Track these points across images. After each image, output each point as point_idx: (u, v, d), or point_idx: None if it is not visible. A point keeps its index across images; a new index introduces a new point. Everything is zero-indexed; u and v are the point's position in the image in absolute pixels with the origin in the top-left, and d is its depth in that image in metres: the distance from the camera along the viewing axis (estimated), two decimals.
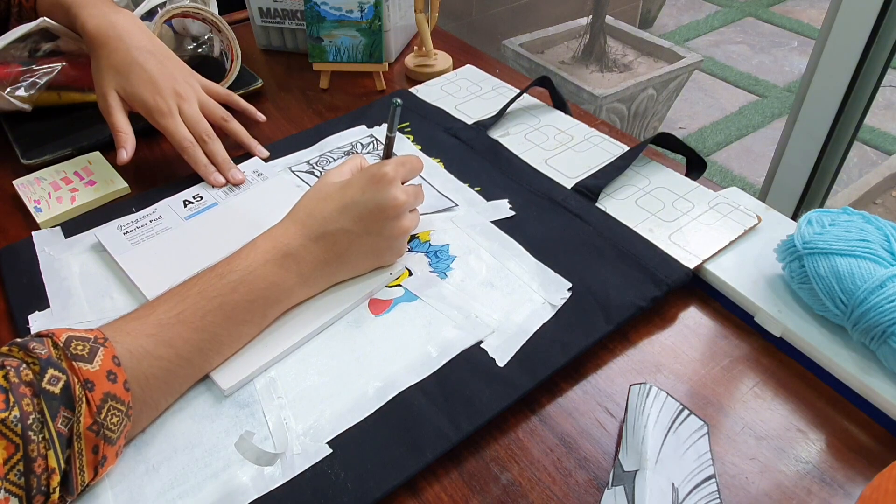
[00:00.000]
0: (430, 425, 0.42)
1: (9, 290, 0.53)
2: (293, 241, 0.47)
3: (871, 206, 1.86)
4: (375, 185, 0.48)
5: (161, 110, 0.62)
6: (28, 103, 0.71)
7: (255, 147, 0.68)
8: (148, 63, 0.63)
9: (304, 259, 0.47)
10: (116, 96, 0.63)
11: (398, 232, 0.50)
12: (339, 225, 0.48)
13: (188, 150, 0.63)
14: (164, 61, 0.64)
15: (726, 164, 2.11)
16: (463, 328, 0.48)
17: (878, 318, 0.42)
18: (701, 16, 3.03)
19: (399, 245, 0.52)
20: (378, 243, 0.50)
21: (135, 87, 0.62)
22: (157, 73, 0.63)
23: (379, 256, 0.51)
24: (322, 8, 0.79)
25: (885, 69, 1.09)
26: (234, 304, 0.44)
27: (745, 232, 0.54)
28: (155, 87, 0.63)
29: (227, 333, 0.44)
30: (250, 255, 0.46)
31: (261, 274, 0.45)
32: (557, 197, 0.59)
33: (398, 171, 0.50)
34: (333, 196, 0.49)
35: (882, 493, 0.33)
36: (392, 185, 0.48)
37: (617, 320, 0.48)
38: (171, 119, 0.63)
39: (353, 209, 0.48)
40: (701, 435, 0.41)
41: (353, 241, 0.48)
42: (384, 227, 0.49)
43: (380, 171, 0.49)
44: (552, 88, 0.73)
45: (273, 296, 0.46)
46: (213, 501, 0.38)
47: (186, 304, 0.43)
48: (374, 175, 0.49)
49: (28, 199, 0.62)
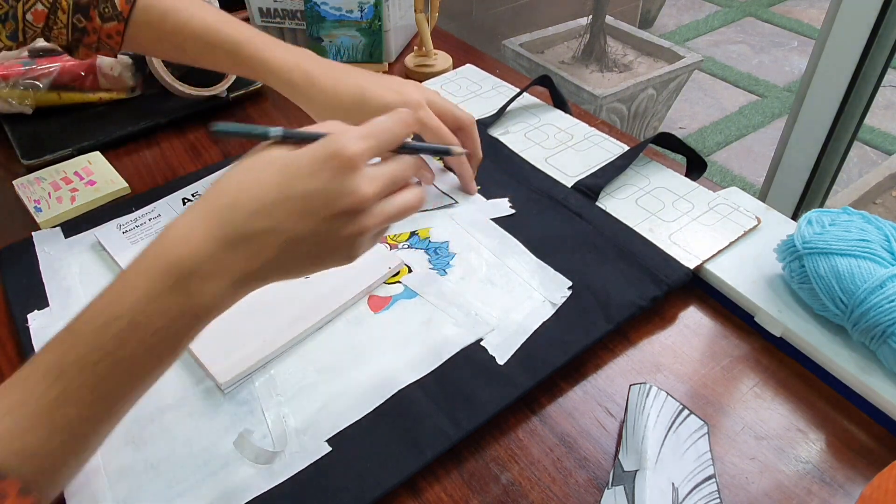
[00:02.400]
0: (429, 423, 0.42)
1: (9, 289, 0.53)
2: (197, 253, 0.33)
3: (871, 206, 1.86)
4: (331, 169, 0.35)
5: (419, 102, 0.56)
6: (28, 104, 0.71)
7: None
8: (369, 79, 0.56)
9: (214, 275, 0.34)
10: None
11: (355, 232, 0.36)
12: (271, 223, 0.34)
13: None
14: (371, 73, 0.58)
15: (726, 164, 2.11)
16: (463, 326, 0.48)
17: (878, 318, 0.42)
18: (701, 16, 3.03)
19: (355, 249, 0.38)
20: (323, 246, 0.37)
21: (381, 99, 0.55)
22: (384, 81, 0.57)
23: (323, 262, 0.38)
24: (322, 8, 0.79)
25: (885, 69, 1.09)
26: (129, 361, 0.33)
27: (744, 233, 0.54)
28: (394, 90, 0.56)
29: (132, 391, 0.34)
30: (138, 285, 0.33)
31: (155, 311, 0.33)
32: (558, 195, 0.59)
33: (368, 147, 0.36)
34: (269, 178, 0.35)
35: (882, 492, 0.33)
36: (354, 172, 0.35)
37: (617, 319, 0.48)
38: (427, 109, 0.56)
39: (295, 202, 0.34)
40: (701, 435, 0.41)
41: (289, 246, 0.35)
42: (335, 226, 0.36)
43: (339, 149, 0.35)
44: (552, 88, 0.73)
45: (181, 330, 0.34)
46: (212, 500, 0.38)
47: (66, 381, 0.32)
48: (330, 155, 0.35)
49: (28, 199, 0.62)
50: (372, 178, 0.36)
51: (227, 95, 0.76)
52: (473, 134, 0.59)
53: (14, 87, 0.71)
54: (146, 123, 0.72)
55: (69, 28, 0.55)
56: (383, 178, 0.37)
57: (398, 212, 0.39)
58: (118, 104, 0.75)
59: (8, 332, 0.51)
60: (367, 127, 0.37)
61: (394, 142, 0.39)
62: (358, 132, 0.36)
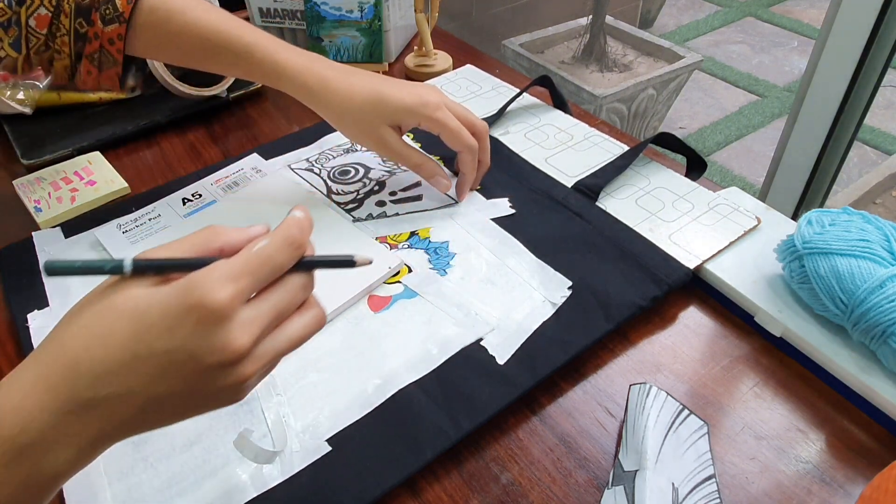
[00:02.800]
0: (429, 423, 0.42)
1: (9, 289, 0.53)
2: (32, 424, 0.28)
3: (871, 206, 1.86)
4: (192, 323, 0.29)
5: (438, 104, 0.56)
6: (28, 105, 0.71)
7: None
8: (385, 81, 0.56)
9: (58, 444, 0.29)
10: (392, 132, 0.56)
11: (234, 382, 0.31)
12: (122, 387, 0.29)
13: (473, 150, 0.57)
14: (388, 78, 0.58)
15: (726, 164, 2.11)
16: (463, 325, 0.48)
17: (878, 318, 0.42)
18: (701, 16, 3.03)
19: (239, 393, 0.32)
20: (197, 399, 0.31)
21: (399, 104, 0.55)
22: (402, 83, 0.56)
23: (202, 410, 0.32)
24: (322, 8, 0.79)
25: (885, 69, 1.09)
26: None
27: (744, 233, 0.54)
28: (412, 92, 0.55)
29: None
30: None
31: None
32: (558, 195, 0.59)
33: (239, 290, 0.29)
34: (117, 335, 0.29)
35: (882, 492, 0.33)
36: (221, 325, 0.29)
37: (617, 319, 0.48)
38: (446, 111, 0.56)
39: (149, 362, 0.29)
40: (701, 435, 0.41)
41: (151, 406, 0.30)
42: (206, 380, 0.30)
43: (199, 299, 0.28)
44: (552, 88, 0.73)
45: (31, 499, 0.29)
46: (212, 499, 0.38)
47: None
48: (189, 307, 0.28)
49: (28, 199, 0.62)
50: (248, 322, 0.30)
51: (227, 95, 0.76)
52: (485, 142, 0.59)
53: (14, 87, 0.71)
54: (146, 123, 0.72)
55: (72, 35, 0.54)
56: (262, 318, 0.31)
57: (289, 346, 0.33)
58: (118, 104, 0.75)
59: (8, 332, 0.51)
60: (241, 260, 0.30)
61: (275, 274, 0.32)
62: (228, 269, 0.29)
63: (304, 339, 0.34)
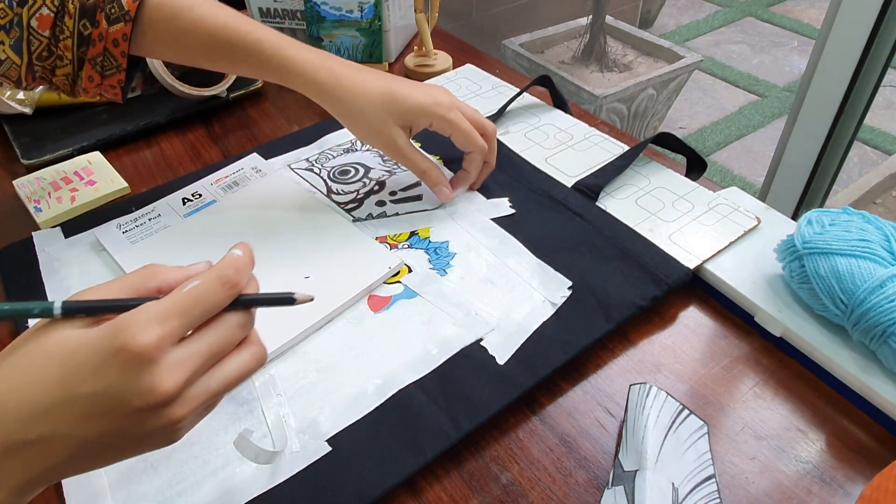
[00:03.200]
0: (429, 423, 0.42)
1: (9, 289, 0.53)
2: None
3: (871, 206, 1.86)
4: (118, 365, 0.28)
5: (451, 105, 0.56)
6: (28, 105, 0.71)
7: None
8: (398, 81, 0.55)
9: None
10: (402, 133, 0.56)
11: (165, 424, 0.30)
12: (50, 429, 0.28)
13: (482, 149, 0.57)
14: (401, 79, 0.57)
15: (726, 164, 2.11)
16: (463, 325, 0.48)
17: (878, 318, 0.42)
18: (701, 16, 3.03)
19: (173, 435, 0.31)
20: (130, 440, 0.30)
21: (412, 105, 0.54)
22: (415, 84, 0.56)
23: (137, 451, 0.32)
24: (322, 8, 0.79)
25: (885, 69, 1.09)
26: None
27: (744, 233, 0.54)
28: (425, 92, 0.55)
29: None
30: None
31: None
32: (558, 195, 0.59)
33: (169, 331, 0.29)
34: (46, 376, 0.29)
35: (882, 492, 0.33)
36: (148, 368, 0.28)
37: (617, 319, 0.48)
38: (457, 112, 0.56)
39: (77, 404, 0.28)
40: (701, 435, 0.41)
41: (81, 448, 0.29)
42: (136, 422, 0.29)
43: (125, 341, 0.28)
44: (552, 88, 0.73)
45: None
46: (212, 500, 0.38)
47: None
48: (116, 349, 0.28)
49: (28, 199, 0.62)
50: (178, 364, 0.29)
51: (227, 95, 0.76)
52: (493, 143, 0.59)
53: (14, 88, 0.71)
54: (146, 123, 0.72)
55: (75, 38, 0.53)
56: (194, 359, 0.30)
57: (224, 387, 0.32)
58: (118, 104, 0.75)
59: (8, 333, 0.51)
60: (171, 301, 0.30)
61: (208, 314, 0.31)
62: (156, 311, 0.29)
63: (240, 378, 0.32)
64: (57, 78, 0.55)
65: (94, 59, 0.54)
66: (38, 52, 0.53)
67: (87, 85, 0.56)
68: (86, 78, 0.55)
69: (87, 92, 0.56)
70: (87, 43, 0.53)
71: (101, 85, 0.56)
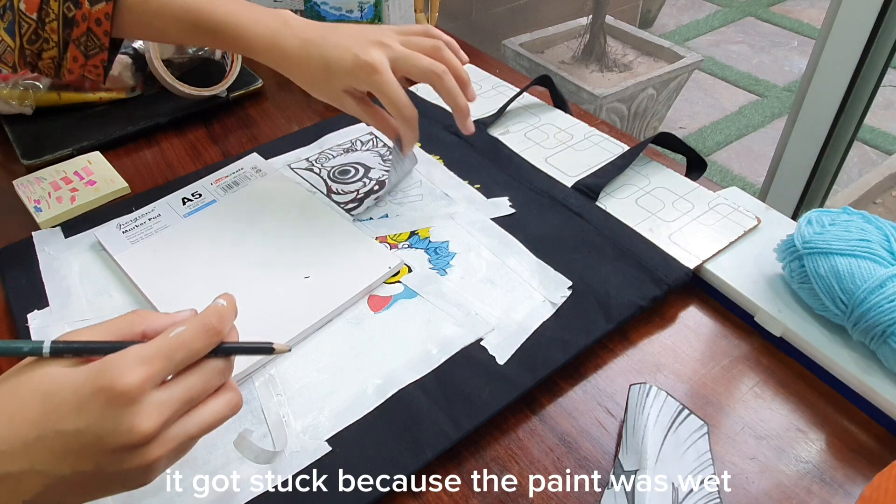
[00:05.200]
0: (429, 423, 0.42)
1: (9, 289, 0.53)
2: None
3: (871, 206, 1.86)
4: (100, 403, 0.29)
5: (375, 66, 0.53)
6: (28, 105, 0.71)
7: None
8: (333, 47, 0.53)
9: None
10: (349, 98, 0.55)
11: (141, 465, 0.31)
12: (28, 464, 0.29)
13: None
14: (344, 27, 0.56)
15: (726, 164, 2.11)
16: (463, 325, 0.48)
17: (878, 318, 0.42)
18: (701, 16, 3.03)
19: (147, 476, 0.32)
20: (104, 481, 0.31)
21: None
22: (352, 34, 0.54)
23: (110, 491, 0.32)
24: (322, 8, 0.79)
25: (885, 69, 1.09)
26: None
27: (744, 233, 0.54)
28: (353, 53, 0.52)
29: None
30: None
31: None
32: (558, 195, 0.59)
33: (151, 374, 0.30)
34: (27, 412, 0.29)
35: (882, 492, 0.33)
36: (129, 408, 0.29)
37: (617, 319, 0.48)
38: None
39: (56, 440, 0.29)
40: (701, 435, 0.41)
41: (56, 485, 0.30)
42: (112, 462, 0.30)
43: (109, 381, 0.29)
44: (552, 87, 0.73)
45: None
46: (212, 500, 0.38)
47: None
48: (99, 388, 0.29)
49: (28, 199, 0.62)
50: (157, 405, 0.30)
51: (228, 95, 0.76)
52: (447, 84, 0.53)
53: (14, 87, 0.71)
54: (146, 123, 0.72)
55: (60, 20, 0.54)
56: (174, 402, 0.31)
57: (200, 430, 0.33)
58: (118, 104, 0.75)
59: (8, 332, 0.51)
60: (156, 344, 0.31)
61: (190, 359, 0.32)
62: (141, 353, 0.30)
63: (215, 423, 0.33)
64: (43, 62, 0.56)
65: (78, 40, 0.55)
66: (27, 36, 0.54)
67: (72, 66, 0.57)
68: (70, 59, 0.56)
69: (72, 73, 0.57)
70: (72, 24, 0.54)
71: (86, 66, 0.57)
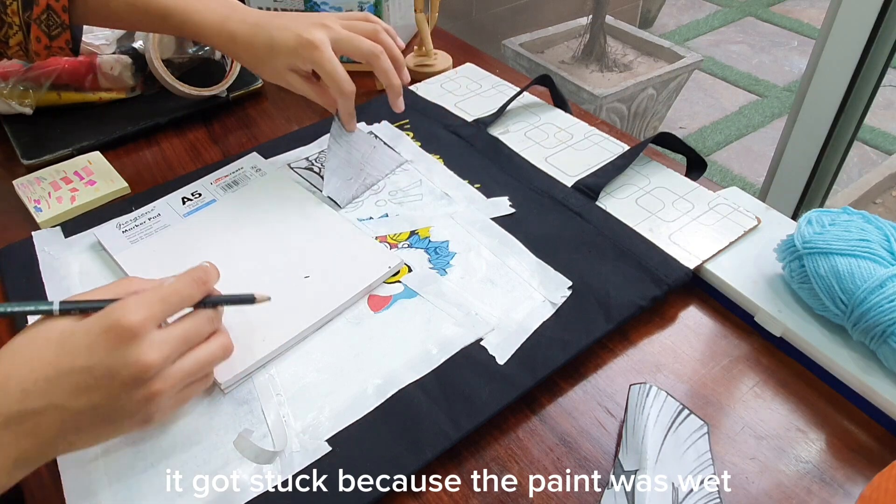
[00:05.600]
0: (429, 423, 0.42)
1: (9, 289, 0.53)
2: None
3: (871, 206, 1.86)
4: (109, 340, 0.34)
5: (315, 44, 0.56)
6: (29, 106, 0.71)
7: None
8: (278, 28, 0.56)
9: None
10: (295, 76, 0.58)
11: (147, 396, 0.35)
12: (47, 401, 0.33)
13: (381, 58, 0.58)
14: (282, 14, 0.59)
15: (726, 163, 2.11)
16: (463, 325, 0.48)
17: (878, 318, 0.42)
18: (701, 16, 3.03)
19: (151, 412, 0.36)
20: (113, 415, 0.35)
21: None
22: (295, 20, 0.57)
23: (117, 429, 0.36)
24: (322, 8, 0.79)
25: (885, 69, 1.09)
26: None
27: (744, 233, 0.54)
28: (296, 33, 0.56)
29: None
30: None
31: None
32: (557, 195, 0.59)
33: (152, 314, 0.35)
34: (44, 355, 0.34)
35: (882, 492, 0.33)
36: (135, 343, 0.34)
37: (617, 319, 0.48)
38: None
39: (71, 377, 0.33)
40: (701, 435, 0.41)
41: (71, 421, 0.34)
42: (121, 395, 0.34)
43: (116, 319, 0.34)
44: (552, 87, 0.73)
45: None
46: (212, 500, 0.38)
47: None
48: (108, 327, 0.34)
49: (28, 199, 0.62)
50: (158, 342, 0.35)
51: (227, 95, 0.76)
52: (383, 64, 0.59)
53: (14, 87, 0.71)
54: (146, 123, 0.72)
55: (19, 2, 0.55)
56: (172, 340, 0.36)
57: (196, 367, 0.38)
58: (118, 104, 0.75)
59: (8, 332, 0.51)
60: (153, 291, 0.36)
61: (183, 303, 0.38)
62: (142, 299, 0.35)
63: (209, 361, 0.39)
64: (11, 49, 0.57)
65: (38, 19, 0.56)
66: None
67: (37, 47, 0.58)
68: (34, 39, 0.57)
69: (39, 55, 0.59)
70: (31, 5, 0.56)
71: (51, 47, 0.59)
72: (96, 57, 0.73)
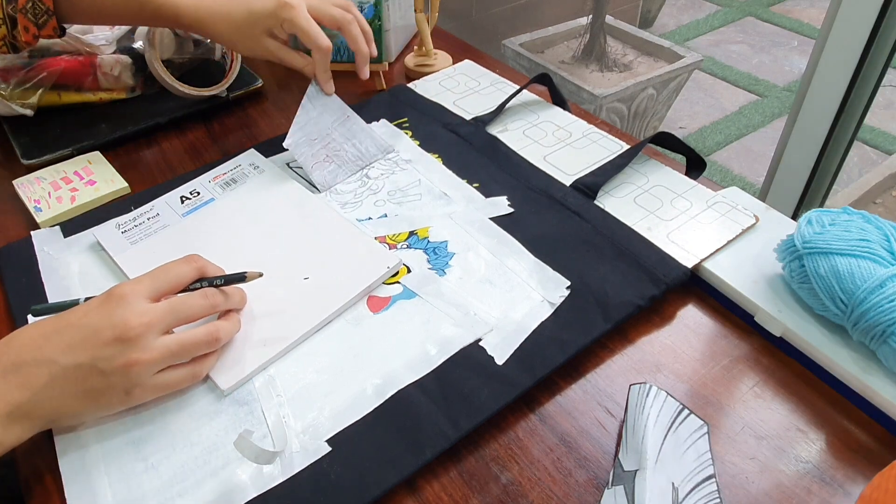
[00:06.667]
0: (428, 423, 0.42)
1: (8, 289, 0.53)
2: None
3: (871, 206, 1.86)
4: (103, 304, 0.39)
5: (292, 4, 0.60)
6: (29, 107, 0.71)
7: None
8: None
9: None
10: (272, 41, 0.61)
11: (127, 363, 0.37)
12: (40, 354, 0.37)
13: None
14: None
15: (726, 163, 2.10)
16: (461, 326, 0.48)
17: (877, 318, 0.42)
18: (701, 15, 3.03)
19: (131, 382, 0.38)
20: (95, 378, 0.37)
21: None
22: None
23: (99, 398, 0.38)
24: None
25: (885, 69, 1.09)
26: None
27: (742, 231, 0.54)
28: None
29: None
30: None
31: None
32: (556, 194, 0.59)
33: (143, 286, 0.40)
34: (50, 321, 0.39)
35: (882, 492, 0.33)
36: (124, 303, 0.38)
37: (615, 319, 0.48)
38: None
39: (64, 334, 0.37)
40: (701, 435, 0.41)
41: (59, 376, 0.37)
42: (104, 356, 0.37)
43: (113, 289, 0.39)
44: (551, 86, 0.73)
45: None
46: (212, 500, 0.38)
47: None
48: (109, 294, 0.39)
49: (28, 199, 0.62)
50: (144, 308, 0.39)
51: (228, 95, 0.76)
52: (352, 31, 0.62)
53: (14, 87, 0.71)
54: (146, 123, 0.72)
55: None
56: (158, 309, 0.39)
57: (179, 348, 0.40)
58: (118, 104, 0.75)
59: (8, 332, 0.50)
60: (150, 272, 0.41)
61: (176, 282, 0.42)
62: (139, 277, 0.41)
63: (194, 344, 0.41)
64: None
65: (24, 9, 0.57)
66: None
67: (26, 37, 0.59)
68: (22, 30, 0.58)
69: (29, 44, 0.60)
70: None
71: (39, 36, 0.60)
72: (96, 57, 0.73)
